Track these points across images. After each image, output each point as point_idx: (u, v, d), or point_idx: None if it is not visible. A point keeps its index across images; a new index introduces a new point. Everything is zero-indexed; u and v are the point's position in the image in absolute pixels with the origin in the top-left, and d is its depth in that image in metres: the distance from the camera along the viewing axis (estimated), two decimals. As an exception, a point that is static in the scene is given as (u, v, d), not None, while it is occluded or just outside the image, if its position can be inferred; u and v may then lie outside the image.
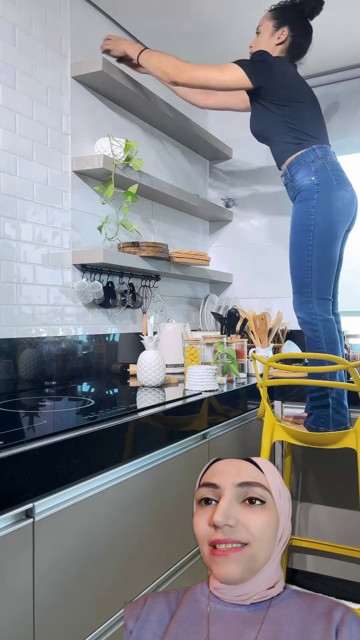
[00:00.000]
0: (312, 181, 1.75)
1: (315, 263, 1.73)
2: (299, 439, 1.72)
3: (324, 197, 1.73)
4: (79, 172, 1.98)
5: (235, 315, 2.50)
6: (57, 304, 1.91)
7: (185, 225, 2.79)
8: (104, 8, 2.14)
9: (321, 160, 1.77)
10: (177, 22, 2.26)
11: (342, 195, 1.76)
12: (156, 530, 1.33)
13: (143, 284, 2.36)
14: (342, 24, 2.27)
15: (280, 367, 1.67)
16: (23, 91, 1.77)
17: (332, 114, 2.69)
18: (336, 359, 1.54)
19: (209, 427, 1.63)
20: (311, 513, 2.10)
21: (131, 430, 1.24)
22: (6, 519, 0.91)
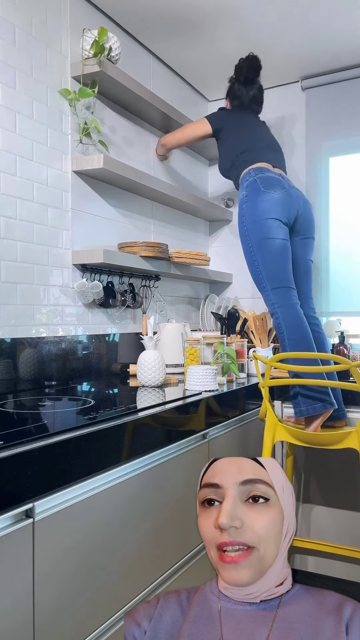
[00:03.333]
0: (242, 194, 2.01)
1: (259, 259, 1.92)
2: (301, 440, 1.72)
3: (251, 203, 1.96)
4: (79, 172, 1.98)
5: (235, 315, 2.50)
6: (57, 304, 1.91)
7: (185, 225, 2.79)
8: (104, 8, 2.14)
9: (251, 178, 2.00)
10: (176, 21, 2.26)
11: (269, 197, 1.94)
12: (156, 530, 1.33)
13: (143, 284, 2.36)
14: (342, 24, 2.27)
15: (282, 367, 1.67)
16: (23, 91, 1.77)
17: (332, 114, 2.68)
18: (337, 358, 1.54)
19: (209, 427, 1.63)
20: (313, 514, 2.09)
21: (131, 430, 1.24)
22: (6, 519, 0.91)
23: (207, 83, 2.81)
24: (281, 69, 2.66)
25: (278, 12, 2.19)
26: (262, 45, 2.41)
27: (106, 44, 1.96)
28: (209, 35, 2.36)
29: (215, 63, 2.59)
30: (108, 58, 1.99)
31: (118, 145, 2.25)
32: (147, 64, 2.48)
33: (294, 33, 2.35)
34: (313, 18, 2.23)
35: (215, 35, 2.36)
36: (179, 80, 2.74)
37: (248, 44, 2.40)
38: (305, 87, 2.74)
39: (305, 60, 2.58)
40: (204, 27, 2.30)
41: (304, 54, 2.52)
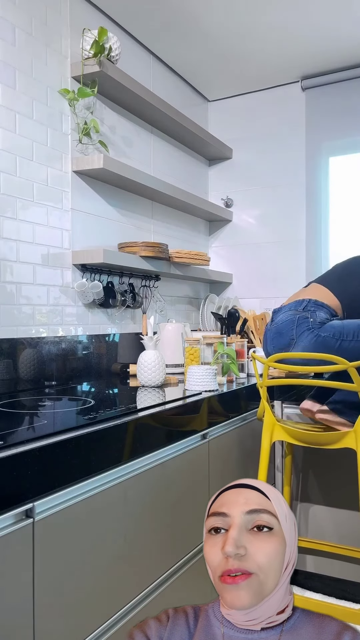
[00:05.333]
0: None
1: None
2: (299, 439, 1.72)
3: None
4: (79, 172, 1.98)
5: (235, 315, 2.50)
6: (57, 304, 1.91)
7: (185, 225, 2.79)
8: (103, 8, 2.14)
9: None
10: (176, 20, 2.26)
11: None
12: (156, 530, 1.33)
13: (143, 284, 2.36)
14: (342, 24, 2.27)
15: (281, 367, 1.67)
16: (23, 91, 1.77)
17: (332, 114, 2.69)
18: (336, 359, 1.54)
19: (209, 427, 1.63)
20: (311, 513, 2.10)
21: (131, 430, 1.24)
22: (6, 519, 0.91)
23: (207, 83, 2.81)
24: (281, 69, 2.66)
25: (278, 12, 2.19)
26: (263, 45, 2.41)
27: (106, 44, 1.96)
28: (209, 35, 2.36)
29: (216, 63, 2.59)
30: (108, 58, 1.99)
31: (118, 145, 2.25)
32: (147, 64, 2.48)
33: (294, 33, 2.35)
34: (313, 18, 2.23)
35: (215, 35, 2.36)
36: (179, 80, 2.74)
37: (249, 44, 2.40)
38: (305, 87, 2.74)
39: (305, 60, 2.58)
40: (204, 27, 2.30)
41: (304, 54, 2.52)
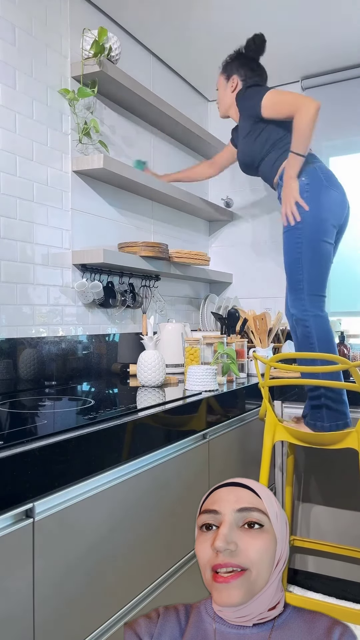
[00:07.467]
0: (302, 181, 1.78)
1: (305, 260, 1.75)
2: (301, 439, 1.72)
3: (313, 195, 1.76)
4: (79, 172, 1.98)
5: (235, 315, 2.50)
6: (57, 304, 1.91)
7: (185, 225, 2.79)
8: (104, 8, 2.14)
9: (310, 165, 1.80)
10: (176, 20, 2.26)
11: (332, 195, 1.78)
12: (156, 530, 1.33)
13: (143, 284, 2.36)
14: (342, 24, 2.27)
15: (282, 367, 1.67)
16: (23, 91, 1.77)
17: (332, 114, 2.68)
18: (337, 358, 1.54)
19: (209, 427, 1.63)
20: (312, 513, 2.09)
21: (131, 430, 1.24)
22: (6, 519, 0.91)
23: (207, 83, 2.81)
24: (281, 69, 2.66)
25: (278, 12, 2.19)
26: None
27: (106, 44, 1.96)
28: (209, 35, 2.36)
29: (215, 63, 2.59)
30: (108, 58, 1.99)
31: (118, 145, 2.25)
32: (147, 63, 2.48)
33: (294, 33, 2.35)
34: (313, 18, 2.23)
35: (215, 35, 2.36)
36: (179, 80, 2.74)
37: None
38: (305, 87, 2.74)
39: (305, 60, 2.58)
40: (205, 27, 2.30)
41: (304, 54, 2.52)
